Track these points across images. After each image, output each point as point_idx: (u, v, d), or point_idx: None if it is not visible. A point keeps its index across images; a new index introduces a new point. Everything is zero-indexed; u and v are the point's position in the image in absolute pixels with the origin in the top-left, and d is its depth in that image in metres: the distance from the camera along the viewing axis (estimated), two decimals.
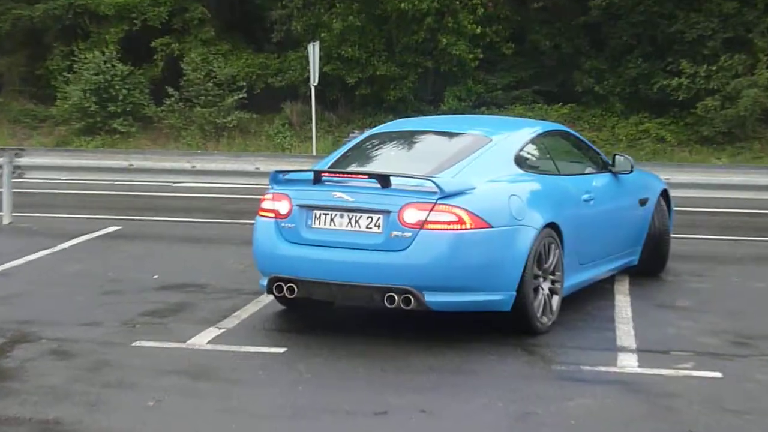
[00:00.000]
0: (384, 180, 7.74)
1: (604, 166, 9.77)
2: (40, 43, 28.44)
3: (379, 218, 7.72)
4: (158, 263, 11.01)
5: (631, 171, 9.78)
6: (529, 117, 25.12)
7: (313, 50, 22.23)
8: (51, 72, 27.76)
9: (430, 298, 7.58)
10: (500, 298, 7.81)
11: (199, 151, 24.23)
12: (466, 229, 7.61)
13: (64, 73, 27.09)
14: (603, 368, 7.29)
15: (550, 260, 8.25)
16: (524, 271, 7.86)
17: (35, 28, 27.98)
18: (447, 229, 7.58)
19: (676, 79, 24.03)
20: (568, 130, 10.51)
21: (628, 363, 7.44)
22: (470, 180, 7.94)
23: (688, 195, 13.33)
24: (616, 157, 9.85)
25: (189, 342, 7.78)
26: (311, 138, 23.75)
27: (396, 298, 7.58)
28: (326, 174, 8.16)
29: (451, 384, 6.93)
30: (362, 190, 7.88)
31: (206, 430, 6.02)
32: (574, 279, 8.78)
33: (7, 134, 26.43)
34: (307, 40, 24.28)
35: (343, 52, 25.60)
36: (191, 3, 27.33)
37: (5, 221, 13.64)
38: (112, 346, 7.74)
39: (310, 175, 8.13)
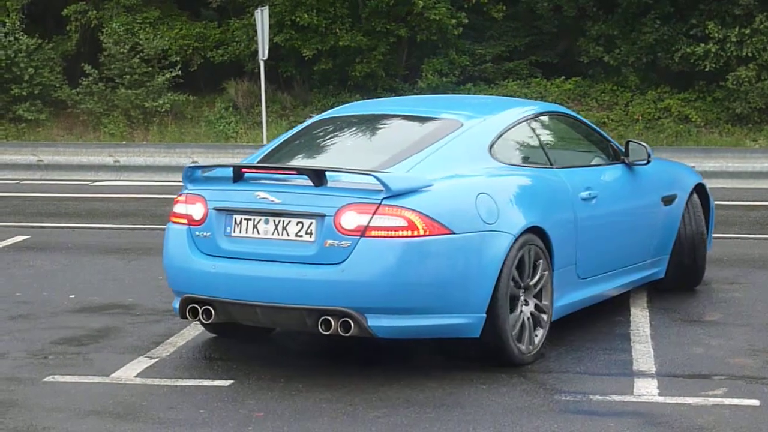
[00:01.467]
0: (318, 176, 7.38)
1: (615, 157, 9.44)
2: None
3: (311, 224, 7.39)
4: (75, 280, 11.00)
5: (648, 161, 9.38)
6: (525, 94, 25.28)
7: (262, 17, 22.21)
8: None
9: (374, 322, 7.24)
10: (466, 321, 7.51)
11: (123, 143, 24.24)
12: (418, 236, 7.26)
13: None
14: (617, 397, 7.29)
15: (535, 274, 7.95)
16: (497, 288, 7.53)
17: None
18: (394, 237, 7.22)
19: (702, 45, 24.05)
20: (570, 112, 10.12)
21: (647, 390, 7.44)
22: (428, 175, 7.61)
23: (718, 185, 13.45)
24: (630, 144, 9.43)
25: (114, 375, 7.76)
26: (261, 123, 23.70)
27: (332, 322, 7.22)
28: (248, 170, 7.81)
29: (432, 420, 6.89)
30: (291, 189, 7.57)
31: None
32: (571, 296, 8.54)
33: None
34: (255, 4, 24.27)
35: (298, 18, 25.57)
36: None
37: None
38: (20, 382, 7.68)
39: (230, 172, 7.78)
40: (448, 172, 7.78)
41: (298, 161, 8.46)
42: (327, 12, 25.74)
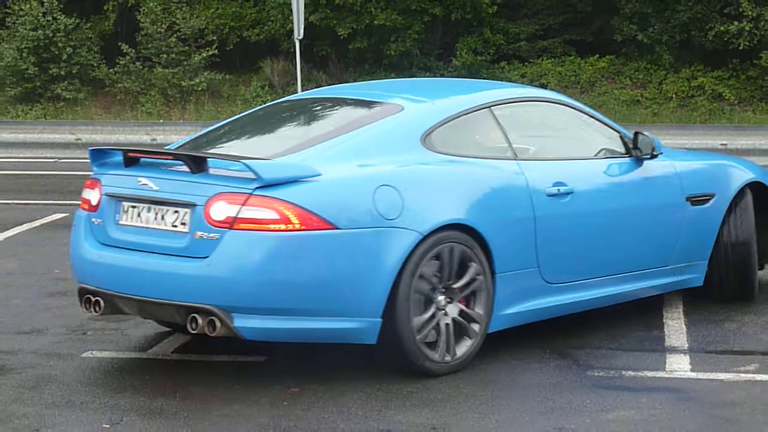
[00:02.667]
0: (196, 163, 6.90)
1: (627, 150, 8.43)
2: None
3: (186, 213, 6.86)
4: None
5: (653, 155, 8.39)
6: (559, 72, 25.26)
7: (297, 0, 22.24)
8: None
9: (240, 322, 6.66)
10: (357, 326, 6.86)
11: (161, 121, 24.28)
12: (292, 230, 6.62)
13: None
14: (649, 373, 7.29)
15: (462, 276, 7.22)
16: (396, 291, 6.85)
17: None
18: (264, 230, 6.62)
19: (736, 23, 23.95)
20: (570, 101, 8.82)
21: (679, 366, 7.44)
22: (319, 165, 6.91)
23: (753, 159, 13.35)
24: (639, 136, 8.35)
25: (150, 351, 7.79)
26: None
27: (200, 320, 6.68)
28: (135, 154, 7.28)
29: (467, 395, 6.91)
30: (171, 176, 7.05)
31: None
32: (537, 302, 7.73)
33: None
34: None
35: None
36: None
37: None
38: (59, 358, 7.73)
39: (120, 156, 7.32)
40: (355, 161, 7.10)
41: (218, 146, 7.77)
42: None
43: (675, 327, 8.33)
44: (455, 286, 7.18)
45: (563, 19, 26.58)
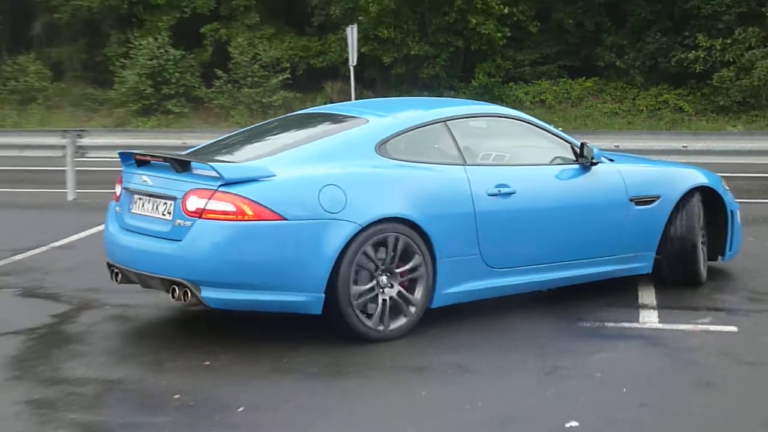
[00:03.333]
0: (180, 165, 6.77)
1: (577, 157, 7.91)
2: (98, 31, 28.61)
3: (171, 204, 6.73)
4: None
5: (592, 163, 7.84)
6: (554, 91, 25.13)
7: (352, 32, 22.20)
8: (109, 58, 27.91)
9: (206, 294, 6.52)
10: (304, 299, 6.62)
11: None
12: (246, 220, 6.45)
13: (121, 59, 27.22)
14: (626, 324, 7.29)
15: (406, 261, 6.91)
16: (336, 271, 6.60)
17: (93, 17, 28.15)
18: (223, 219, 6.46)
19: (693, 52, 23.86)
20: (526, 117, 8.18)
21: (650, 319, 7.43)
22: (277, 167, 6.72)
23: (706, 161, 13.24)
24: (584, 146, 7.89)
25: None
26: None
27: (177, 290, 6.59)
28: (142, 157, 7.20)
29: (479, 342, 6.94)
30: (162, 175, 6.90)
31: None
32: (481, 283, 7.32)
33: (69, 117, 26.62)
34: (346, 23, 24.25)
35: (379, 33, 25.58)
36: None
37: (69, 197, 13.79)
38: (169, 309, 7.78)
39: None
40: (310, 165, 6.86)
41: (221, 150, 7.58)
42: (401, 28, 25.68)
43: (647, 289, 8.26)
44: (397, 270, 6.86)
45: (558, 49, 26.43)
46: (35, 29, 28.62)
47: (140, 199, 7.02)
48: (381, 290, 6.82)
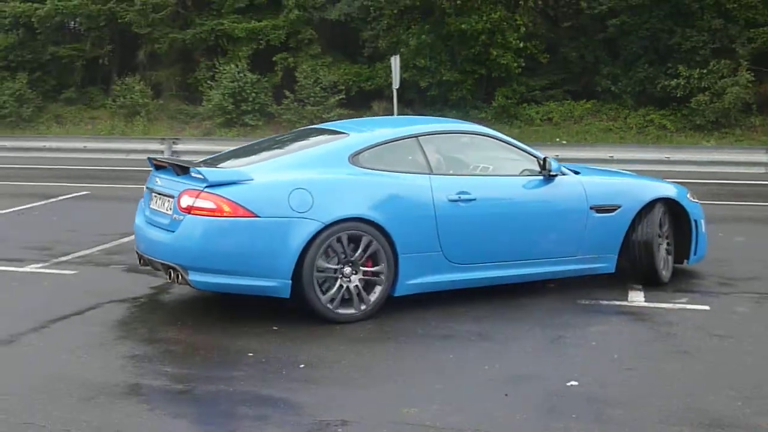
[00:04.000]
0: (180, 169, 6.71)
1: (541, 169, 7.40)
2: (190, 59, 28.74)
3: (171, 202, 6.63)
4: None
5: (551, 175, 7.34)
6: (560, 111, 25.00)
7: (395, 62, 22.12)
8: (198, 81, 28.01)
9: (193, 277, 6.41)
10: (274, 284, 6.41)
11: None
12: (224, 216, 6.30)
13: (208, 81, 27.30)
14: (617, 303, 7.23)
15: (368, 254, 6.62)
16: (302, 262, 6.39)
17: (186, 47, 28.29)
18: (206, 215, 6.32)
19: (675, 80, 23.64)
20: (493, 133, 7.69)
21: (637, 299, 7.37)
22: (257, 173, 6.56)
23: (684, 170, 13.21)
24: (546, 160, 7.39)
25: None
26: None
27: (172, 273, 6.55)
28: (156, 162, 7.10)
29: (499, 316, 6.91)
30: (168, 177, 6.83)
31: None
32: (443, 276, 6.94)
33: (166, 128, 26.79)
34: (390, 54, 24.18)
35: (417, 62, 25.52)
36: (303, 27, 27.35)
37: None
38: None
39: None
40: (287, 171, 6.66)
41: (231, 157, 7.36)
42: (435, 58, 25.59)
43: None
44: (360, 261, 6.58)
45: (563, 76, 26.19)
46: (140, 56, 28.84)
47: (155, 196, 6.94)
48: (343, 280, 6.57)
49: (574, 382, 5.40)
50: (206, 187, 6.37)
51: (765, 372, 5.66)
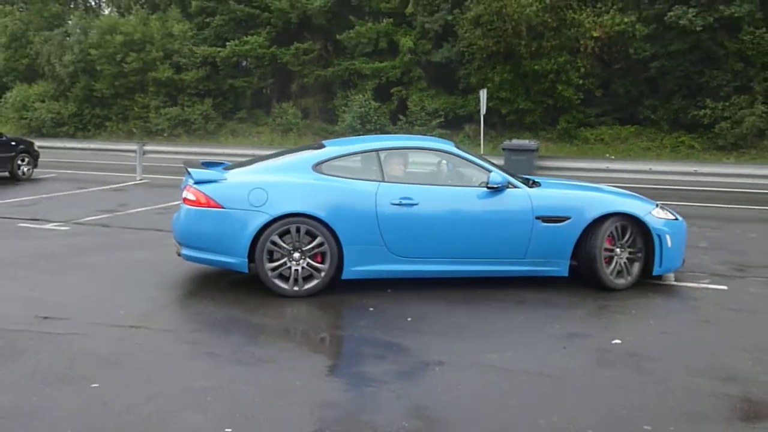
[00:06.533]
0: (187, 170, 6.54)
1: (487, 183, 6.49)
2: (330, 90, 29.09)
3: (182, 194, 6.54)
4: None
5: (491, 188, 6.44)
6: (609, 133, 24.38)
7: (483, 94, 21.88)
8: (335, 107, 28.32)
9: (183, 251, 6.43)
10: (236, 261, 6.22)
11: None
12: (201, 206, 6.22)
13: (343, 107, 27.62)
14: (653, 281, 6.95)
15: (311, 243, 6.20)
16: (254, 245, 6.15)
17: (327, 81, 28.65)
18: (190, 205, 6.28)
19: (703, 110, 22.79)
20: (453, 149, 6.83)
21: (669, 279, 7.10)
22: (233, 175, 6.42)
23: (709, 180, 12.70)
24: (491, 174, 6.50)
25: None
26: (480, 145, 23.50)
27: (176, 247, 6.56)
28: (185, 166, 6.75)
29: (562, 287, 6.72)
30: (186, 176, 6.66)
31: None
32: (386, 266, 6.36)
33: (311, 142, 27.13)
34: (479, 87, 23.98)
35: (499, 95, 25.22)
36: (414, 67, 27.33)
37: None
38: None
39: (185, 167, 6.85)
40: (257, 175, 6.44)
41: (239, 164, 6.97)
42: (514, 91, 25.24)
43: None
44: (305, 248, 6.19)
45: (612, 106, 25.42)
46: (293, 88, 29.35)
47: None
48: (293, 262, 6.22)
49: (617, 341, 5.28)
50: (194, 183, 6.34)
51: None
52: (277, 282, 6.23)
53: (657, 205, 6.88)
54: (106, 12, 33.42)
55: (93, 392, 4.28)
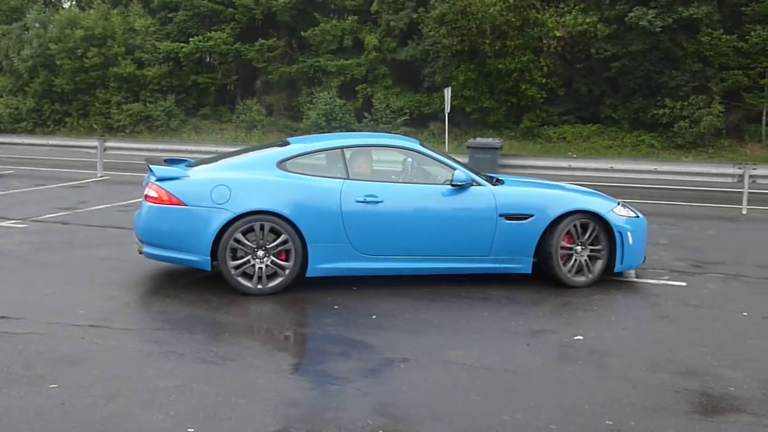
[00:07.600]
0: (149, 167, 6.36)
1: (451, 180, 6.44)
2: (294, 87, 28.94)
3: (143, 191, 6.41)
4: None
5: (455, 185, 6.39)
6: (572, 132, 24.66)
7: (447, 92, 21.97)
8: (300, 104, 28.19)
9: (145, 249, 6.28)
10: (198, 259, 6.09)
11: None
12: (162, 203, 6.08)
13: (308, 104, 27.50)
14: (614, 278, 7.02)
15: (276, 240, 6.11)
16: (217, 242, 6.04)
17: (292, 78, 28.49)
18: (151, 202, 6.14)
19: (662, 110, 23.18)
20: (417, 147, 6.75)
21: (630, 275, 7.19)
22: (195, 172, 6.28)
23: (668, 178, 12.90)
24: (456, 170, 6.44)
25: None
26: (444, 142, 23.58)
27: (138, 245, 6.42)
28: (148, 163, 6.53)
29: (525, 285, 6.78)
30: (148, 173, 6.44)
31: None
32: (352, 263, 6.26)
33: (276, 138, 27.00)
34: (444, 86, 24.07)
35: (464, 93, 25.35)
36: (378, 65, 27.32)
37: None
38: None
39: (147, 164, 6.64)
40: (220, 172, 6.28)
41: (204, 161, 6.82)
42: (478, 90, 25.38)
43: None
44: (269, 246, 6.11)
45: (575, 105, 25.74)
46: (257, 84, 29.16)
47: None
48: (257, 260, 6.12)
49: (580, 337, 5.33)
50: (155, 180, 6.18)
51: (729, 333, 5.53)
52: (241, 280, 6.13)
53: (619, 203, 6.92)
54: (66, 6, 32.77)
55: (52, 393, 4.17)
